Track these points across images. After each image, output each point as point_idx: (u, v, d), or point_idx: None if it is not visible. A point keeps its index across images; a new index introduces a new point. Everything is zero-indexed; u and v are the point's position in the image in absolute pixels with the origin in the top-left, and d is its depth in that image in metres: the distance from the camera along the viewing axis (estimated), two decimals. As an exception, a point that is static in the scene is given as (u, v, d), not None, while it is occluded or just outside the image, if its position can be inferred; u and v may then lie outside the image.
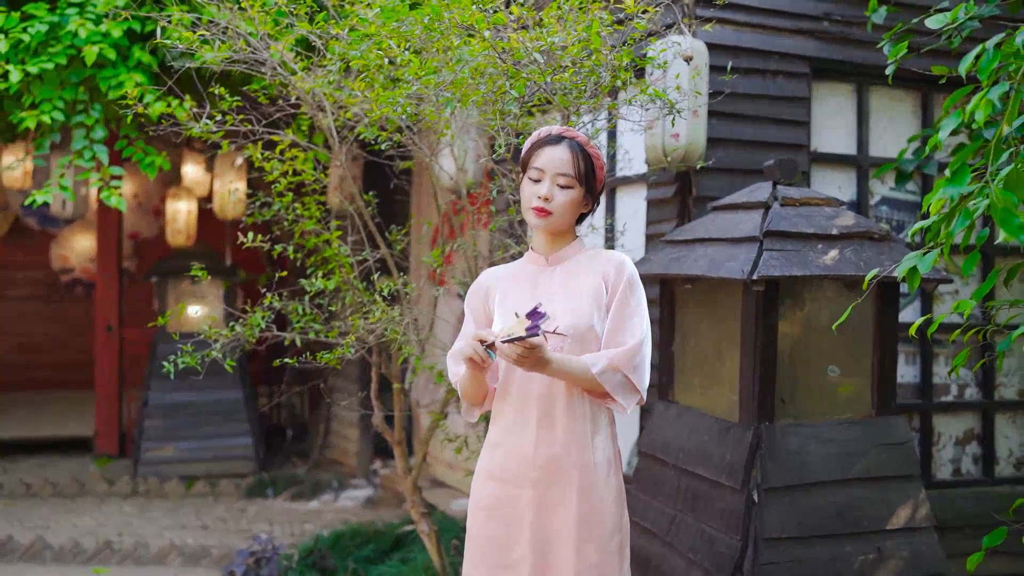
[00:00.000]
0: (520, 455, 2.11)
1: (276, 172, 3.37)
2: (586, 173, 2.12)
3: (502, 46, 2.54)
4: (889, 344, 2.93)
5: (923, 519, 2.82)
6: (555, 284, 2.17)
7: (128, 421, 6.88)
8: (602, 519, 2.10)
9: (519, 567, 2.09)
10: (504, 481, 2.14)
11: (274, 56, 3.20)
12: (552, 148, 2.11)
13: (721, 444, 2.82)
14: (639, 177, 3.84)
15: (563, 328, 2.07)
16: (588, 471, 2.10)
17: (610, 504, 2.12)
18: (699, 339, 3.09)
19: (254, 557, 3.58)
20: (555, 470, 2.09)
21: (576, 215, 2.17)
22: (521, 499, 2.10)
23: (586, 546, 2.07)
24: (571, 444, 2.09)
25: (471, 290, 2.29)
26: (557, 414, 2.10)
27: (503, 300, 2.19)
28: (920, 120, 4.01)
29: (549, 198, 2.09)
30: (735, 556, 2.65)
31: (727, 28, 3.57)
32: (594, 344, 2.12)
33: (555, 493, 2.09)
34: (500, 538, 2.12)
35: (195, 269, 3.39)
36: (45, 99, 4.37)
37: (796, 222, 2.82)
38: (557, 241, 2.19)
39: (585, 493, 2.09)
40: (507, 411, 2.16)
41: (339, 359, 3.12)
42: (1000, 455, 4.13)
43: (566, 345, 2.08)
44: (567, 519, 2.08)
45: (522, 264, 2.26)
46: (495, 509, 2.14)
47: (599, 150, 2.24)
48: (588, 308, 2.11)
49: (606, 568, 2.10)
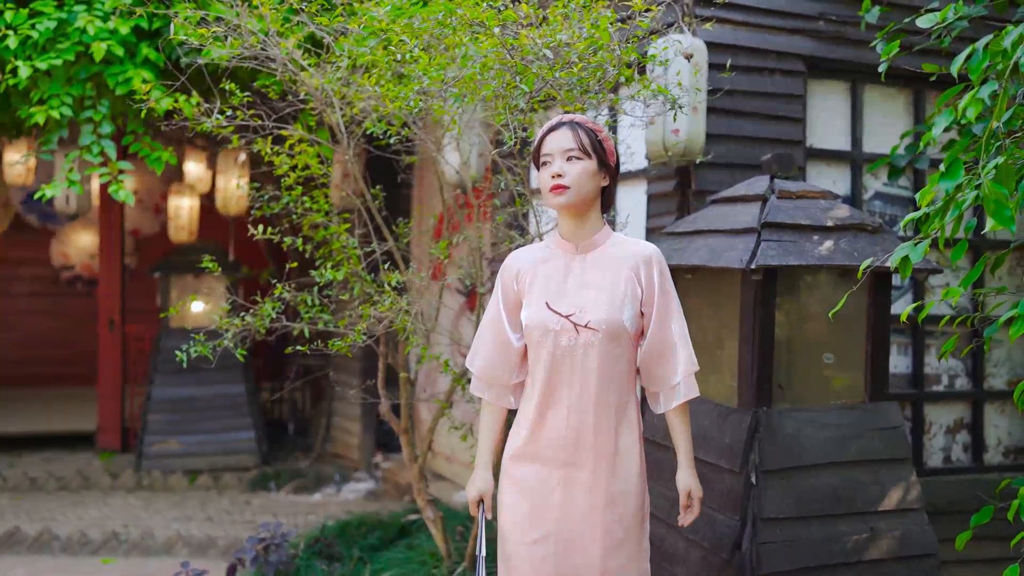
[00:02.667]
0: (551, 438, 2.21)
1: (285, 166, 3.45)
2: (592, 146, 2.19)
3: (511, 42, 2.63)
4: (882, 332, 3.02)
5: (914, 500, 2.92)
6: (587, 274, 2.23)
7: (131, 416, 6.95)
8: (628, 499, 2.22)
9: (545, 543, 2.19)
10: (535, 460, 2.23)
11: (283, 53, 3.28)
12: (554, 133, 2.23)
13: (720, 428, 2.92)
14: (640, 172, 3.93)
15: (595, 323, 2.16)
16: (616, 455, 2.21)
17: (635, 485, 2.24)
18: (699, 328, 3.19)
19: (263, 544, 3.66)
20: (585, 453, 2.19)
21: (595, 189, 2.22)
22: (551, 479, 2.21)
23: (613, 525, 2.19)
24: (601, 429, 2.19)
25: (501, 271, 2.34)
26: (587, 400, 2.19)
27: (532, 285, 2.26)
28: (912, 117, 4.12)
29: (562, 174, 2.17)
30: (734, 535, 2.75)
31: (725, 27, 3.67)
32: (625, 339, 2.20)
33: (584, 475, 2.19)
34: (531, 515, 2.21)
35: (206, 261, 3.46)
36: (53, 95, 4.44)
37: (793, 214, 2.92)
38: (584, 225, 2.24)
39: (614, 475, 2.20)
40: (538, 395, 2.23)
41: (350, 346, 3.20)
42: (989, 443, 4.24)
43: (597, 340, 2.16)
44: (596, 500, 2.19)
45: (550, 248, 2.29)
46: (526, 487, 2.23)
47: (601, 125, 2.30)
48: (621, 303, 2.19)
49: (630, 544, 2.22)
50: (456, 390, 3.66)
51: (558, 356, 2.19)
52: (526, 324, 2.24)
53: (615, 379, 2.21)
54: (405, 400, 3.66)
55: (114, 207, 6.81)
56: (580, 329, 2.15)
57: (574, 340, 2.17)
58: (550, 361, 2.20)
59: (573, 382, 2.19)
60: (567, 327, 2.18)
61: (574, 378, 2.19)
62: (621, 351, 2.21)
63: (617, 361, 2.20)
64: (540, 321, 2.21)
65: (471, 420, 3.94)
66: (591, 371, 2.17)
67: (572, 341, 2.17)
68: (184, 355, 3.18)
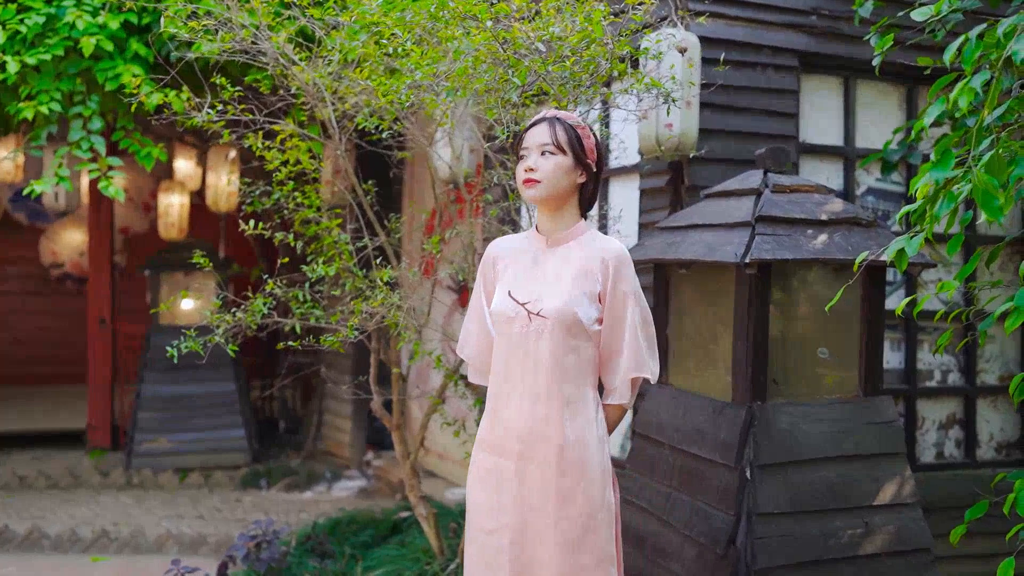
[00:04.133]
0: (505, 427, 2.21)
1: (276, 161, 3.42)
2: (569, 141, 2.19)
3: (503, 35, 2.62)
4: (876, 327, 3.02)
5: (908, 495, 2.92)
6: (552, 267, 2.24)
7: (121, 414, 6.90)
8: (581, 496, 2.15)
9: (502, 534, 2.18)
10: (493, 450, 2.24)
11: (275, 47, 3.25)
12: (534, 128, 2.24)
13: (715, 424, 2.91)
14: (633, 167, 3.92)
15: (546, 311, 2.16)
16: (566, 448, 2.16)
17: (592, 482, 2.17)
18: (693, 322, 3.18)
19: (255, 541, 3.63)
20: (535, 444, 2.17)
21: (569, 185, 2.21)
22: (507, 470, 2.20)
23: (565, 523, 2.14)
24: (550, 421, 2.16)
25: (482, 259, 2.37)
26: (539, 390, 2.18)
27: (503, 274, 2.29)
28: (905, 113, 4.12)
29: (534, 168, 2.19)
30: (729, 531, 2.74)
31: (719, 22, 3.66)
32: (579, 332, 2.18)
33: (534, 467, 2.17)
34: (488, 505, 2.22)
35: (196, 256, 3.44)
36: (42, 90, 4.40)
37: (787, 208, 2.91)
38: (557, 220, 2.25)
39: (563, 470, 2.15)
40: (497, 382, 2.26)
41: (341, 342, 3.18)
42: (981, 439, 4.25)
43: (547, 329, 2.16)
44: (546, 493, 2.15)
45: (528, 240, 2.33)
46: (485, 476, 2.25)
47: (585, 124, 2.29)
48: (575, 295, 2.18)
49: (591, 546, 2.15)
50: (449, 386, 3.64)
51: (513, 344, 2.21)
52: (490, 312, 2.29)
53: (569, 371, 2.18)
54: (397, 396, 3.64)
55: (104, 204, 6.76)
56: (533, 317, 2.16)
57: (527, 328, 2.18)
58: (506, 349, 2.23)
59: (526, 371, 2.19)
60: (521, 315, 2.19)
61: (527, 368, 2.19)
62: (575, 343, 2.18)
63: (571, 353, 2.17)
64: (500, 309, 2.24)
65: (464, 416, 3.92)
66: (542, 361, 2.16)
67: (525, 329, 2.18)
68: (174, 351, 3.15)
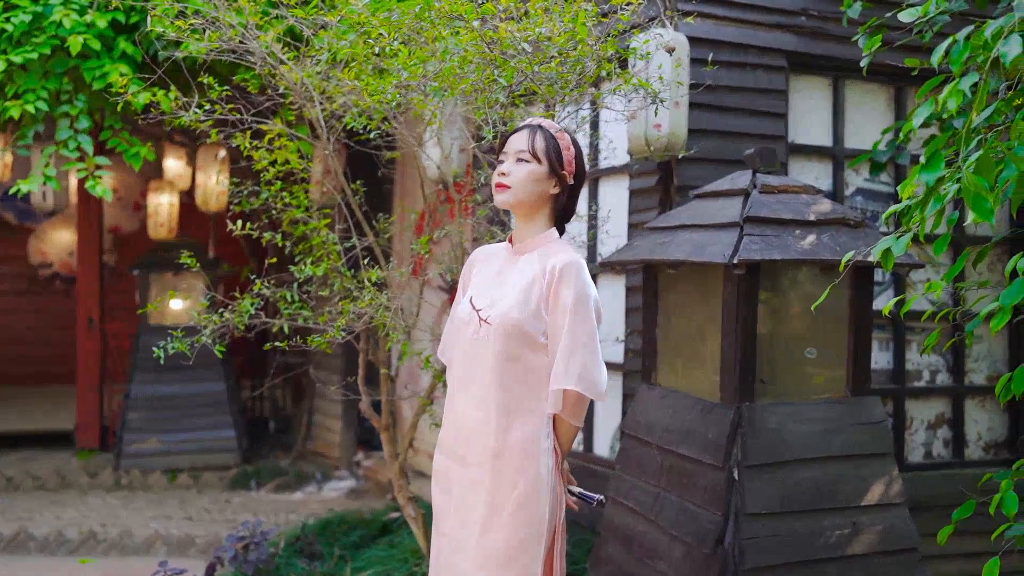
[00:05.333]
0: (453, 431, 2.24)
1: (264, 161, 3.41)
2: (545, 151, 2.19)
3: (490, 36, 2.61)
4: (864, 327, 3.02)
5: (896, 495, 2.93)
6: (511, 275, 2.24)
7: (110, 415, 6.87)
8: (511, 507, 2.10)
9: (441, 537, 2.23)
10: (443, 453, 2.27)
11: (263, 47, 3.24)
12: (516, 134, 2.25)
13: (703, 423, 2.91)
14: (622, 167, 3.92)
15: (492, 317, 2.18)
16: (502, 456, 2.13)
17: (526, 496, 2.11)
18: (682, 323, 3.18)
19: (242, 543, 3.61)
20: (473, 449, 2.17)
21: (539, 194, 2.20)
22: (452, 472, 2.23)
23: (490, 534, 2.11)
24: (488, 426, 2.15)
25: (465, 266, 2.41)
26: (481, 395, 2.18)
27: (473, 280, 2.33)
28: (894, 114, 4.13)
29: (507, 173, 2.20)
30: (717, 531, 2.74)
31: (708, 22, 3.66)
32: (524, 340, 2.15)
33: (472, 473, 2.17)
34: (440, 506, 2.27)
35: (184, 256, 3.42)
36: (29, 89, 4.37)
37: (775, 208, 2.91)
38: (528, 228, 2.26)
39: (497, 479, 2.12)
40: (450, 385, 2.30)
41: (329, 342, 3.17)
42: (970, 438, 4.26)
43: (492, 335, 2.16)
44: (477, 500, 2.15)
45: (503, 247, 2.36)
46: (437, 477, 2.28)
47: (567, 134, 2.27)
48: (518, 304, 2.16)
49: (513, 560, 2.10)
50: (437, 387, 3.63)
51: (465, 348, 2.24)
52: (452, 315, 2.34)
53: (511, 379, 2.15)
54: (386, 397, 3.62)
55: (92, 204, 6.72)
56: (482, 323, 2.19)
57: (477, 333, 2.21)
58: (460, 352, 2.27)
59: (473, 376, 2.20)
60: (474, 320, 2.22)
61: (474, 372, 2.20)
62: (518, 352, 2.15)
63: (513, 361, 2.15)
64: (458, 313, 2.30)
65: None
66: (487, 367, 2.17)
67: (476, 334, 2.21)
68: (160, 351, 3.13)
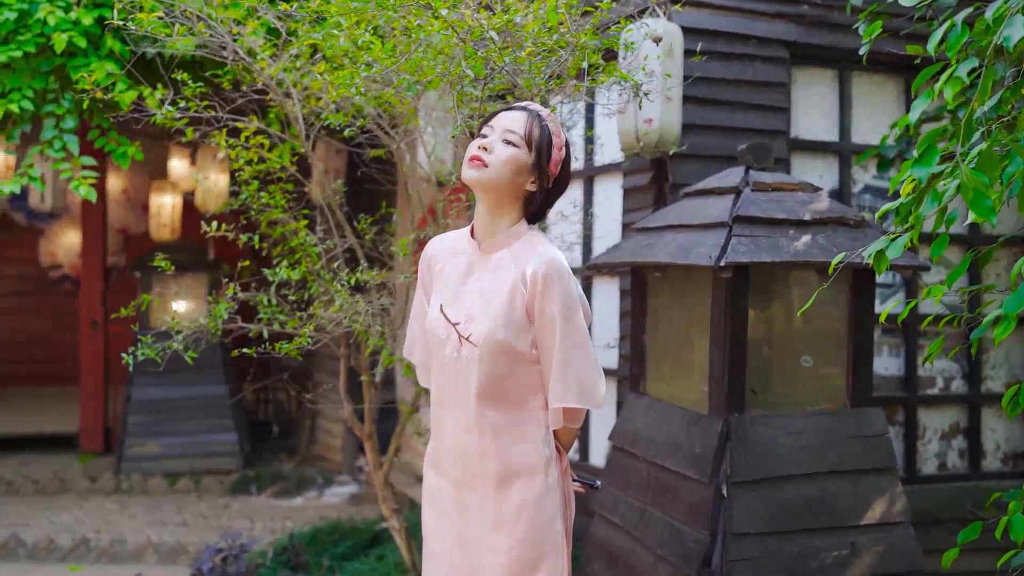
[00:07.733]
0: (446, 453, 2.03)
1: (241, 160, 3.30)
2: (539, 143, 1.94)
3: (461, 25, 2.46)
4: (865, 333, 2.84)
5: (899, 513, 2.74)
6: (482, 279, 1.99)
7: (113, 418, 6.81)
8: (524, 526, 1.94)
9: (442, 559, 2.03)
10: (436, 471, 2.07)
11: (241, 43, 3.13)
12: (509, 112, 1.99)
13: (690, 436, 2.74)
14: (615, 165, 3.76)
15: (475, 337, 1.93)
16: (508, 479, 1.95)
17: (536, 514, 1.95)
18: (670, 328, 3.01)
19: (220, 555, 3.50)
20: (473, 476, 1.98)
21: (515, 183, 1.94)
22: (448, 496, 2.03)
23: (501, 556, 1.94)
24: (486, 453, 1.95)
25: (420, 259, 2.14)
26: (468, 419, 1.97)
27: (437, 280, 2.07)
28: (903, 106, 3.92)
29: (489, 149, 1.92)
30: (703, 551, 2.57)
31: (703, 11, 3.49)
32: (511, 357, 1.93)
33: (475, 498, 1.98)
34: (434, 526, 2.06)
35: (157, 260, 3.33)
36: (14, 88, 4.31)
37: (767, 207, 2.74)
38: (494, 220, 1.99)
39: (506, 501, 1.95)
40: (434, 404, 2.07)
41: (300, 349, 3.05)
42: (987, 449, 4.04)
43: (476, 357, 1.92)
44: (484, 525, 1.96)
45: (464, 238, 2.07)
46: (431, 496, 2.08)
47: (563, 130, 2.06)
48: (503, 317, 1.92)
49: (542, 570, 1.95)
50: (421, 395, 3.49)
51: (445, 367, 2.00)
52: (425, 327, 2.06)
53: (503, 399, 1.96)
54: (368, 404, 3.50)
55: (97, 205, 6.66)
56: (463, 341, 1.94)
57: (458, 352, 1.96)
58: (439, 371, 2.02)
59: (458, 397, 1.98)
60: (453, 337, 1.97)
61: (459, 394, 1.97)
62: (508, 370, 1.94)
63: (504, 380, 1.95)
64: (432, 327, 2.03)
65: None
66: (471, 389, 1.94)
67: (456, 353, 1.97)
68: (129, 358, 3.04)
